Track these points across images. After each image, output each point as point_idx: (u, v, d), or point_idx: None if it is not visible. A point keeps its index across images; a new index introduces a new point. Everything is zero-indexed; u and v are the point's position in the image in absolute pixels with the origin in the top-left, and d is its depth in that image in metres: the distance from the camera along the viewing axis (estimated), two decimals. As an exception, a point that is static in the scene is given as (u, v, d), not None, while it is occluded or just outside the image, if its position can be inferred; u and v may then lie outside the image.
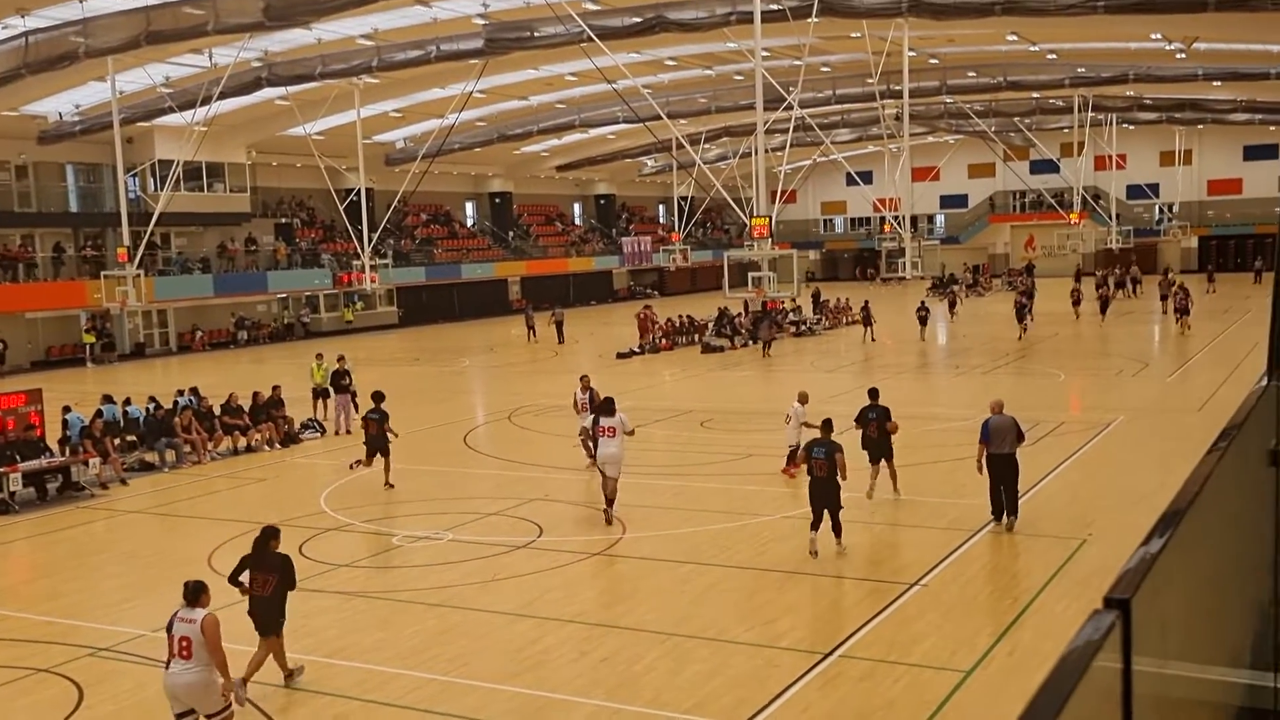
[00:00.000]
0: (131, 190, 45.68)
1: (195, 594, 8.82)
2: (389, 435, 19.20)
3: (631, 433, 16.62)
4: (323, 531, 16.28)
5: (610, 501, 16.16)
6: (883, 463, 16.45)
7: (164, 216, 43.22)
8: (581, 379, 21.23)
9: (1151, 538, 2.04)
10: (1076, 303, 46.98)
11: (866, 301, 42.86)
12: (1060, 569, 12.94)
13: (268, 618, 10.24)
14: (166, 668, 8.77)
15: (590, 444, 17.79)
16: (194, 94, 40.53)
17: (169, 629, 8.84)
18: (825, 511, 13.83)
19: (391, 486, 19.16)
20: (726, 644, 11.02)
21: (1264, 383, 3.99)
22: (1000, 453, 14.74)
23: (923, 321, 41.21)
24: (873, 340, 40.05)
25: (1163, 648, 2.32)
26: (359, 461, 19.43)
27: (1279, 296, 4.48)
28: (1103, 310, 45.22)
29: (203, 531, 16.77)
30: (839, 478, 13.85)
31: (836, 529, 13.93)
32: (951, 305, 51.06)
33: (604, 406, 16.74)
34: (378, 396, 19.74)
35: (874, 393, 17.16)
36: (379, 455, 19.12)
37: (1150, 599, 1.90)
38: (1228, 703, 3.31)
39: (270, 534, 10.61)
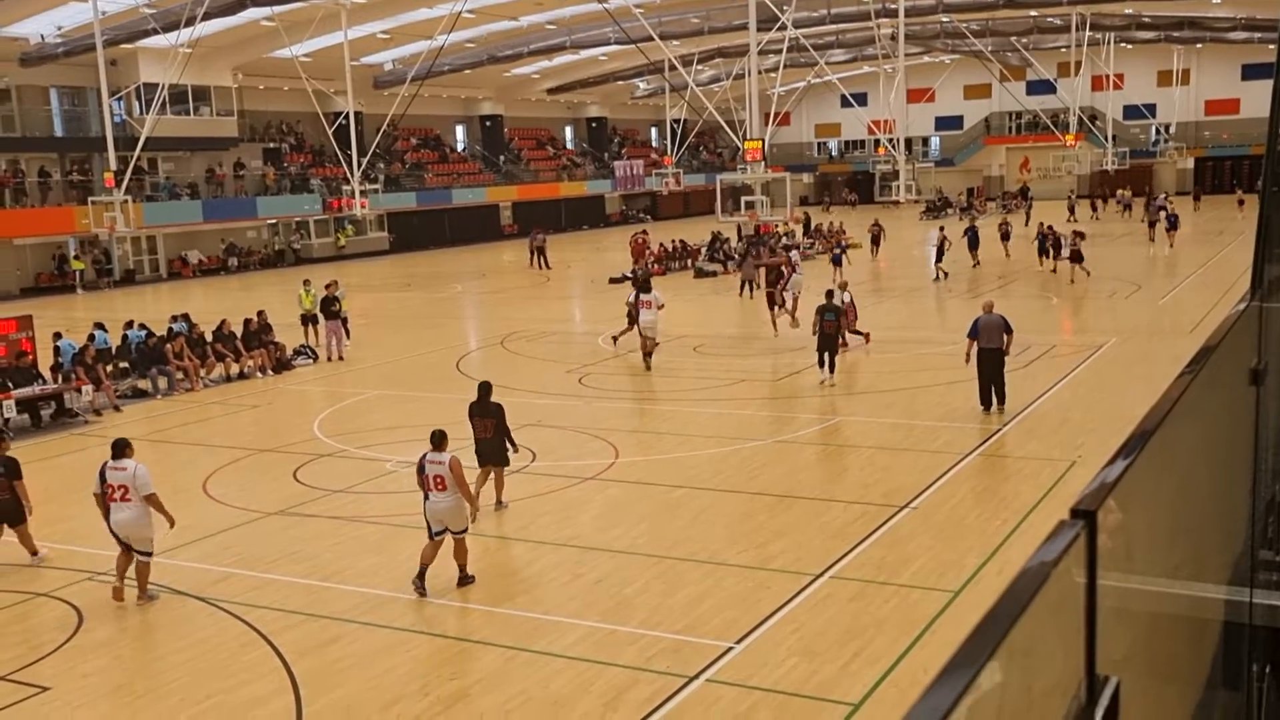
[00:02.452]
0: (117, 114, 45.08)
1: (441, 440, 10.98)
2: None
3: (662, 306, 22.20)
4: (317, 457, 16.35)
5: (650, 354, 21.92)
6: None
7: (150, 141, 42.75)
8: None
9: (1118, 457, 2.04)
10: (1005, 237, 40.84)
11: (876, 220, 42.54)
12: (1050, 490, 13.06)
13: (490, 453, 12.97)
14: (426, 499, 10.87)
15: (634, 313, 22.47)
16: (177, 15, 39.84)
17: (421, 470, 10.88)
18: (828, 355, 19.45)
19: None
20: (718, 566, 11.14)
21: (1245, 303, 3.97)
22: (989, 348, 16.52)
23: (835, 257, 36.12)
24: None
25: (1144, 564, 2.33)
26: (617, 336, 24.15)
27: (1264, 217, 4.45)
28: (1050, 254, 36.02)
29: (197, 458, 16.83)
30: (844, 331, 20.48)
31: (833, 368, 19.59)
32: (875, 242, 43.03)
33: (643, 285, 22.57)
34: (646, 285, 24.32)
35: (830, 294, 20.73)
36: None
37: (1121, 513, 1.90)
38: (1212, 618, 3.35)
39: (487, 387, 13.12)
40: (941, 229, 39.28)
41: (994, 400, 16.81)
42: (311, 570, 11.52)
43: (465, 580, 10.94)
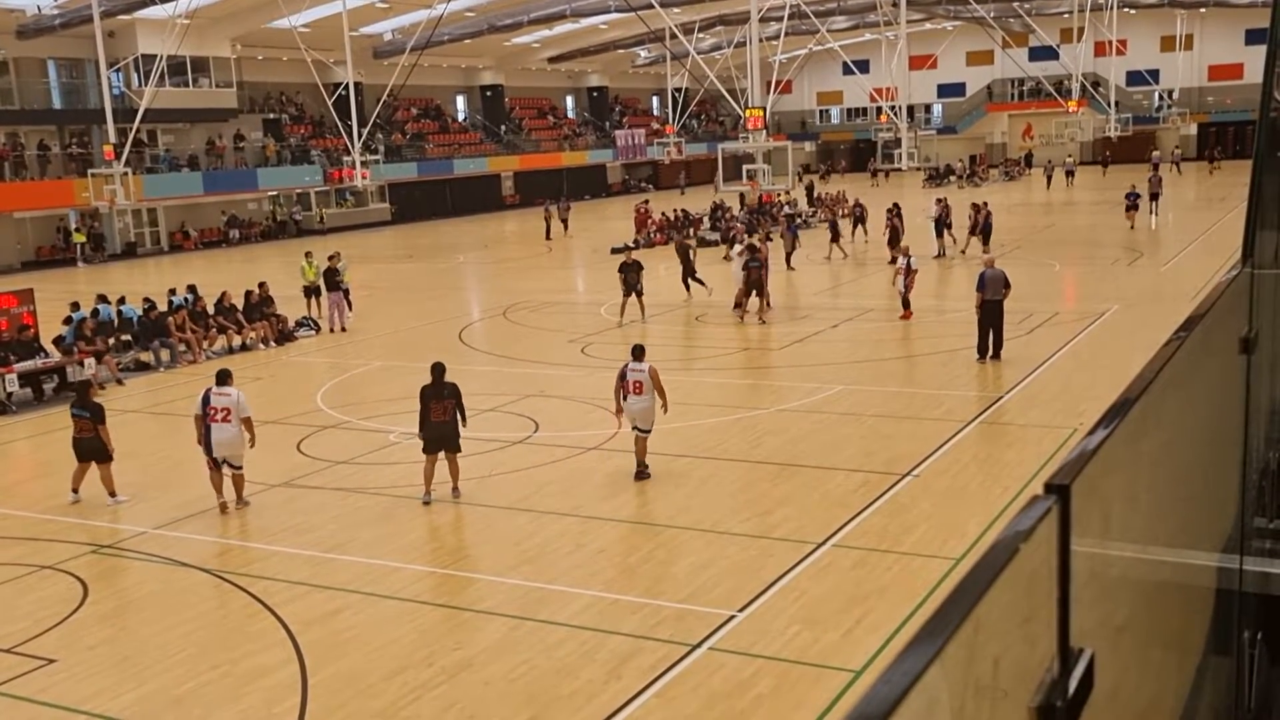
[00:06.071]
0: (115, 86, 44.83)
1: (641, 352, 13.04)
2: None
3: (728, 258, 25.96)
4: (320, 429, 16.38)
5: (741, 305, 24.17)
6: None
7: (149, 113, 42.50)
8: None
9: (1097, 427, 2.03)
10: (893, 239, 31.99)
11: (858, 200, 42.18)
12: (1051, 458, 13.07)
13: (447, 437, 12.50)
14: (625, 399, 12.80)
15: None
16: (175, -15, 39.53)
17: (623, 378, 12.82)
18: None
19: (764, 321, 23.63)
20: (721, 535, 11.17)
21: (1236, 271, 3.95)
22: (992, 299, 17.98)
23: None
24: (865, 239, 38.45)
25: (1133, 533, 2.33)
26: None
27: (1256, 184, 4.43)
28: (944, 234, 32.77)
29: (200, 430, 16.83)
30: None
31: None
32: (859, 222, 37.25)
33: (750, 245, 25.50)
34: (753, 248, 24.77)
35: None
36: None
37: (1101, 485, 1.90)
38: (1203, 585, 3.36)
39: (442, 368, 12.91)
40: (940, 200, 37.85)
41: (990, 349, 18.13)
42: (315, 541, 11.56)
43: (642, 474, 12.88)
